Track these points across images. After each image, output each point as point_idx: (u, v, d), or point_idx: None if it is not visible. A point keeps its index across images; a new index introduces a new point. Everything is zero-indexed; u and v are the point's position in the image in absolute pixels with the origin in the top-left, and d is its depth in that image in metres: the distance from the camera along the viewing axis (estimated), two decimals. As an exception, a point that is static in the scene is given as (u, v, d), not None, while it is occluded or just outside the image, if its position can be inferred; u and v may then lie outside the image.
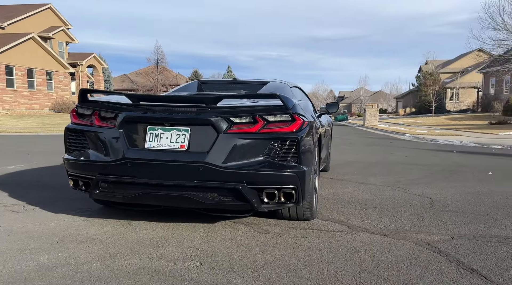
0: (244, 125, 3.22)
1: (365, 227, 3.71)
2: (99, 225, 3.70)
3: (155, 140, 3.29)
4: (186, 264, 2.81)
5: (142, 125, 3.34)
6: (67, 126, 3.65)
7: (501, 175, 6.98)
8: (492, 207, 4.55)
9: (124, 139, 3.33)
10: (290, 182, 3.21)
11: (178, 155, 3.21)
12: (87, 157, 3.48)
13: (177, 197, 3.29)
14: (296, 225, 3.74)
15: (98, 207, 4.34)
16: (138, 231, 3.53)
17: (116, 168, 3.32)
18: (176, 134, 3.26)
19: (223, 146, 3.16)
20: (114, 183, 3.42)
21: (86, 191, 3.58)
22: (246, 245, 3.20)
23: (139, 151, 3.30)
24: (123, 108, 3.41)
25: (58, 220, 3.85)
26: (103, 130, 3.44)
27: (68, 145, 3.64)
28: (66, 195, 4.89)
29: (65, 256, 2.97)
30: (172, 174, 3.21)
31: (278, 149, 3.21)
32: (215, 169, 3.13)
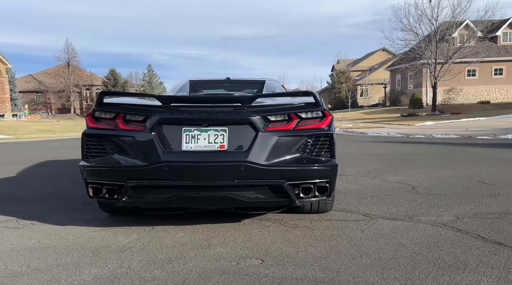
0: (280, 123, 3.31)
1: (379, 214, 4.00)
2: (124, 234, 3.56)
3: (192, 141, 3.26)
4: (249, 262, 2.85)
5: (177, 127, 3.28)
6: (85, 132, 3.45)
7: (446, 160, 7.76)
8: (464, 189, 5.09)
9: (157, 142, 3.25)
10: (325, 176, 3.37)
11: (218, 155, 3.22)
12: (113, 162, 3.34)
13: (217, 198, 3.29)
14: (317, 217, 3.92)
15: (104, 215, 4.14)
16: (171, 236, 3.47)
17: (152, 172, 3.24)
18: (214, 135, 3.26)
19: (262, 144, 3.23)
20: (148, 188, 3.32)
21: (110, 198, 3.43)
22: (287, 239, 3.31)
23: (176, 153, 3.24)
24: (154, 110, 3.32)
25: (73, 233, 3.63)
26: (132, 134, 3.32)
27: (87, 151, 3.45)
28: (57, 206, 4.59)
29: (115, 266, 2.85)
30: (213, 174, 3.21)
31: (313, 144, 3.36)
32: (257, 167, 3.19)
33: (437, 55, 27.63)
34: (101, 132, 3.40)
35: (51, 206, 4.61)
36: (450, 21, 29.12)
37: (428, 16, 27.76)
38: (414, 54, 29.48)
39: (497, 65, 37.60)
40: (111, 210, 4.07)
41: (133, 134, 3.32)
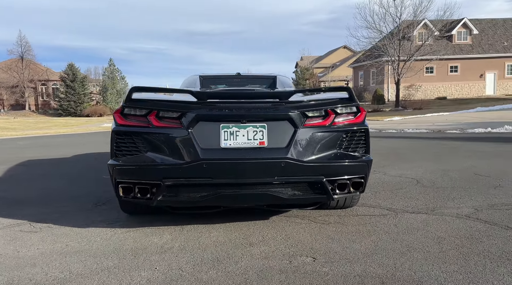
0: (317, 119, 3.31)
1: (400, 208, 4.07)
2: (155, 234, 3.45)
3: (230, 138, 3.19)
4: (301, 260, 2.83)
5: (215, 124, 3.21)
6: (114, 129, 3.31)
7: (431, 154, 8.03)
8: (465, 182, 5.28)
9: (195, 139, 3.16)
10: (361, 172, 3.39)
11: (257, 152, 3.17)
12: (148, 161, 3.22)
13: (257, 195, 3.24)
14: (343, 213, 3.94)
15: (123, 216, 4.00)
16: (205, 235, 3.39)
17: (190, 170, 3.15)
18: (253, 131, 3.21)
19: (301, 141, 3.21)
20: (184, 186, 3.23)
21: (142, 198, 3.30)
22: (327, 236, 3.31)
23: (214, 151, 3.17)
24: (190, 107, 3.22)
25: (100, 235, 3.48)
26: (167, 131, 3.21)
27: (117, 149, 3.30)
28: (67, 208, 4.39)
29: (164, 268, 2.76)
30: (252, 171, 3.16)
31: (350, 140, 3.37)
32: (297, 164, 3.17)
33: (400, 53, 28.48)
34: (133, 129, 3.27)
35: (60, 208, 4.40)
36: (411, 20, 30.07)
37: (392, 14, 28.55)
38: (379, 52, 30.26)
39: (453, 63, 39.22)
40: (133, 210, 3.93)
41: (168, 132, 3.21)
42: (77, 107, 47.67)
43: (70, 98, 48.05)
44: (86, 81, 50.30)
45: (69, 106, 47.76)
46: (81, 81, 48.85)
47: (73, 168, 7.52)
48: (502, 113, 20.76)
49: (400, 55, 28.66)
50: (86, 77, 51.49)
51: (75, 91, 48.07)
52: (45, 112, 51.64)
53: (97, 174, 6.53)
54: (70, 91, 48.07)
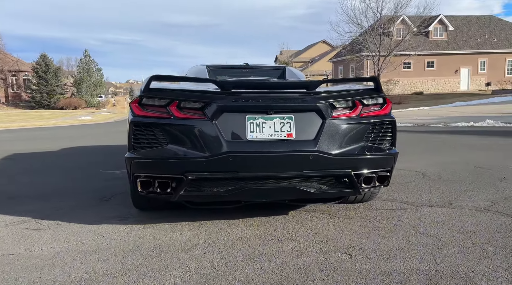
0: (344, 110, 3.21)
1: (417, 201, 4.03)
2: (174, 231, 3.29)
3: (257, 130, 3.06)
4: (337, 257, 2.73)
5: (240, 115, 3.07)
6: (133, 120, 3.12)
7: (425, 147, 8.08)
8: (469, 174, 5.28)
9: (219, 131, 3.02)
10: (387, 165, 3.32)
11: (285, 145, 3.05)
12: (169, 154, 3.05)
13: (284, 189, 3.13)
14: (362, 207, 3.87)
15: (134, 212, 3.82)
16: (228, 231, 3.25)
17: (214, 164, 3.00)
18: (280, 123, 3.08)
19: (329, 133, 3.10)
20: (207, 181, 3.08)
21: (162, 193, 3.14)
22: (354, 231, 3.22)
23: (240, 143, 3.03)
24: (214, 97, 3.07)
25: (116, 232, 3.30)
26: (190, 122, 3.05)
27: (135, 141, 3.12)
28: (71, 203, 4.17)
29: (196, 267, 2.62)
30: (280, 165, 3.04)
31: (377, 132, 3.29)
32: (326, 157, 3.06)
33: (380, 48, 28.76)
34: (152, 121, 3.09)
35: (64, 203, 4.17)
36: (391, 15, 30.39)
37: (373, 9, 28.78)
38: (360, 46, 30.50)
39: (429, 58, 39.93)
40: (147, 206, 3.75)
41: (191, 123, 3.05)
42: (50, 99, 46.36)
43: (42, 90, 46.66)
44: (59, 72, 48.93)
45: (42, 99, 46.39)
46: (55, 73, 47.50)
47: (64, 161, 7.22)
48: (480, 108, 21.24)
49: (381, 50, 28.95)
50: (59, 68, 50.10)
51: (48, 83, 46.73)
52: (16, 104, 50.01)
53: (92, 168, 6.28)
54: (43, 83, 46.69)
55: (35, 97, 46.73)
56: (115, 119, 23.99)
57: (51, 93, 46.55)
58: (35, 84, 47.11)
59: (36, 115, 28.54)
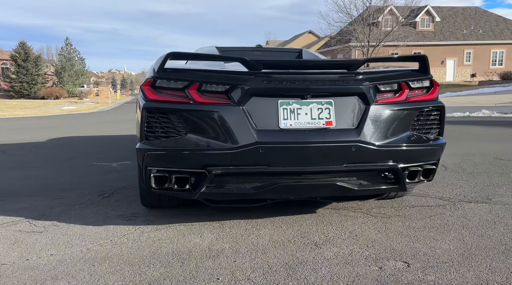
0: (390, 94, 2.81)
1: (453, 197, 3.67)
2: (192, 233, 2.86)
3: (291, 117, 2.64)
4: (392, 266, 2.35)
5: (272, 99, 2.64)
6: (145, 106, 2.66)
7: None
8: (491, 166, 4.96)
9: (248, 118, 2.59)
10: (435, 157, 2.94)
11: (324, 134, 2.63)
12: (189, 145, 2.62)
13: (320, 186, 2.73)
14: (396, 204, 3.50)
15: (141, 209, 3.38)
16: (254, 234, 2.84)
17: (243, 156, 2.58)
18: (318, 109, 2.67)
19: (374, 120, 2.70)
20: (235, 176, 2.66)
21: (180, 189, 2.71)
22: (399, 233, 2.84)
23: (272, 133, 2.61)
24: (241, 78, 2.64)
25: (125, 235, 2.86)
26: (213, 108, 2.61)
27: (148, 130, 2.67)
28: (68, 200, 3.70)
29: (229, 279, 2.21)
30: (317, 158, 2.63)
31: (424, 119, 2.90)
32: (370, 148, 2.67)
33: (370, 38, 28.49)
34: (169, 106, 2.64)
35: (59, 201, 3.70)
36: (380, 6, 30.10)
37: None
38: (349, 36, 30.19)
39: (417, 49, 39.84)
40: (157, 204, 3.31)
41: (214, 109, 2.61)
42: (31, 89, 44.88)
43: (22, 79, 45.12)
44: (40, 61, 47.37)
45: (22, 88, 44.87)
46: (35, 61, 45.93)
47: (54, 153, 6.68)
48: (471, 98, 21.21)
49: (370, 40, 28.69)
50: (39, 57, 48.47)
51: (28, 72, 45.18)
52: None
53: (86, 160, 5.78)
54: (22, 72, 45.13)
55: (14, 86, 45.16)
56: (100, 109, 23.23)
57: (32, 83, 45.05)
58: (14, 73, 45.49)
59: (16, 105, 27.52)
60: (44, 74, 48.31)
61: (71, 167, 5.32)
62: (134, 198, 3.70)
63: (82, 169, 5.18)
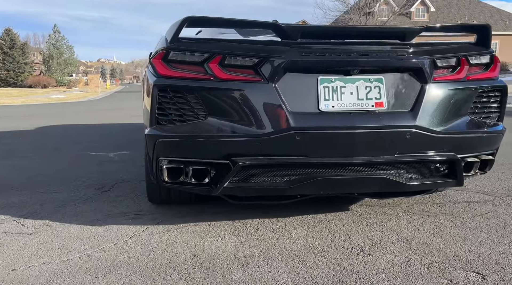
0: (448, 70, 2.38)
1: (497, 191, 3.26)
2: (212, 235, 2.42)
3: (333, 97, 2.20)
4: (464, 278, 1.92)
5: (310, 76, 2.20)
6: (157, 83, 2.20)
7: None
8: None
9: (281, 99, 2.15)
10: (494, 146, 2.54)
11: (373, 118, 2.20)
12: (210, 130, 2.17)
13: (367, 180, 2.30)
14: (437, 200, 3.08)
15: (146, 206, 2.93)
16: (285, 236, 2.41)
17: (275, 145, 2.15)
18: (366, 87, 2.23)
19: (431, 101, 2.27)
20: (266, 168, 2.23)
21: (197, 184, 2.27)
22: (455, 235, 2.43)
23: (311, 116, 2.17)
24: (273, 50, 2.19)
25: (131, 237, 2.41)
26: (238, 86, 2.17)
27: (160, 113, 2.21)
28: (61, 195, 3.23)
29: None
30: (365, 146, 2.20)
31: (484, 101, 2.48)
32: (427, 135, 2.25)
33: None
34: (186, 83, 2.19)
35: (52, 195, 3.23)
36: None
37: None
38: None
39: (411, 39, 39.53)
40: (166, 200, 2.86)
41: (240, 87, 2.16)
42: (17, 77, 43.85)
43: (8, 67, 44.05)
44: (26, 49, 46.27)
45: (8, 76, 43.82)
46: (21, 49, 44.86)
47: (43, 141, 6.17)
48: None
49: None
50: (26, 44, 47.35)
51: (14, 60, 44.13)
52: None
53: (77, 149, 5.29)
54: (9, 60, 44.07)
55: (0, 75, 44.08)
56: (89, 98, 22.54)
57: (18, 71, 43.99)
58: (0, 61, 44.37)
59: (3, 94, 26.68)
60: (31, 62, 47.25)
61: (63, 157, 4.83)
62: (137, 193, 3.25)
63: (75, 159, 4.69)
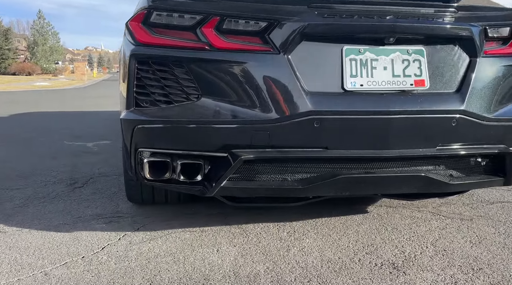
0: (499, 43, 1.92)
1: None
2: (206, 246, 1.95)
3: (362, 73, 1.73)
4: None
5: (333, 45, 1.73)
6: (136, 52, 1.70)
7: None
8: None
9: (295, 75, 1.67)
10: None
11: (411, 101, 1.74)
12: (204, 115, 1.69)
13: (403, 179, 1.84)
14: (466, 200, 2.64)
15: (126, 206, 2.45)
16: (298, 247, 1.95)
17: (287, 133, 1.68)
18: (403, 61, 1.77)
19: (482, 81, 1.82)
20: (275, 163, 1.76)
21: (188, 182, 1.79)
22: (503, 246, 1.99)
23: (334, 97, 1.71)
24: (286, 10, 1.71)
25: (104, 248, 1.93)
26: (242, 58, 1.69)
27: (139, 91, 1.72)
28: (28, 193, 2.72)
29: None
30: (401, 136, 1.75)
31: None
32: (477, 123, 1.80)
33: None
34: (173, 54, 1.70)
35: (14, 193, 2.72)
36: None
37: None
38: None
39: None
40: (149, 199, 2.37)
41: (244, 59, 1.69)
42: (0, 64, 42.57)
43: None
44: (10, 34, 44.92)
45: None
46: (4, 35, 43.51)
47: (16, 129, 5.62)
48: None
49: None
50: (9, 29, 45.97)
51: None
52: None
53: (53, 138, 4.76)
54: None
55: (-17, 61, 42.80)
56: (75, 86, 21.79)
57: (2, 58, 42.68)
58: (-18, 46, 43.06)
59: (-16, 80, 25.75)
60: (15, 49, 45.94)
61: (35, 147, 4.30)
62: (116, 189, 2.76)
63: (49, 149, 4.17)
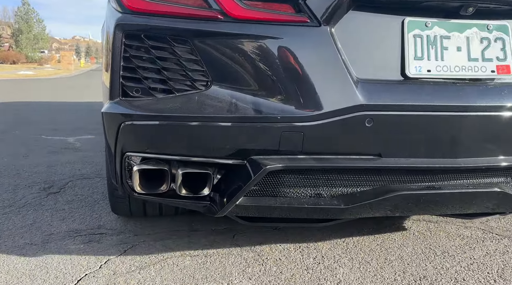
0: None
1: None
2: (214, 280, 1.51)
3: (430, 55, 1.30)
4: None
5: (390, 17, 1.29)
6: (123, 22, 1.25)
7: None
8: None
9: (341, 55, 1.23)
10: None
11: (493, 93, 1.32)
12: (215, 109, 1.24)
13: (478, 196, 1.41)
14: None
15: (109, 219, 1.99)
16: (328, 281, 1.52)
17: (329, 136, 1.25)
18: (481, 40, 1.34)
19: None
20: (310, 175, 1.32)
21: (191, 198, 1.35)
22: None
23: (392, 87, 1.28)
24: None
25: (80, 281, 1.48)
26: (267, 31, 1.25)
27: (128, 76, 1.26)
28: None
29: None
30: (480, 141, 1.33)
31: None
32: None
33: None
34: (173, 25, 1.25)
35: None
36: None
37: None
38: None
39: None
40: (139, 212, 1.91)
41: (271, 34, 1.25)
42: (-16, 52, 41.35)
43: (-26, 40, 41.53)
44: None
45: (-27, 50, 41.33)
46: (-11, 22, 42.24)
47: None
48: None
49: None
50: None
51: (-19, 34, 41.58)
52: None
53: (30, 131, 4.28)
54: (-25, 33, 41.49)
55: (-36, 49, 41.58)
56: (61, 75, 21.13)
57: (-15, 46, 41.57)
58: (-35, 34, 41.82)
59: (-34, 68, 24.90)
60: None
61: (7, 142, 3.81)
62: (99, 196, 2.30)
63: (24, 145, 3.68)
